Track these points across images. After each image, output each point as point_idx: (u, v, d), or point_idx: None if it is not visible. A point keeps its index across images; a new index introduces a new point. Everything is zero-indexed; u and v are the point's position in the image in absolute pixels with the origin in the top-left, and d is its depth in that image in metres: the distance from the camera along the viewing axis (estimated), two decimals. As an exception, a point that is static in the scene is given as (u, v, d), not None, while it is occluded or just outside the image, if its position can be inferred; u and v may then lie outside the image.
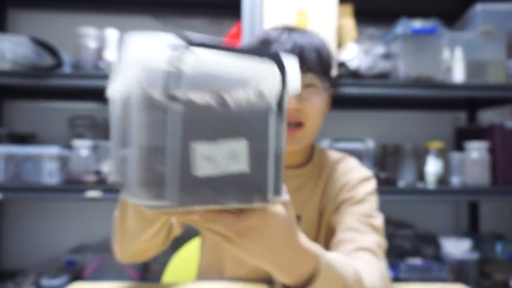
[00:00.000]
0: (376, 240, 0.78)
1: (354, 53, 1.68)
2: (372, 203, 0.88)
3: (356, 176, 0.93)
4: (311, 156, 0.97)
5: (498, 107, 2.11)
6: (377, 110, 2.18)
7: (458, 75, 1.75)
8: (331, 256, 0.58)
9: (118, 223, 0.77)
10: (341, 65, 1.68)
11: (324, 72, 0.87)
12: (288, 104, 0.79)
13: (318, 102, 0.87)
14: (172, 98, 0.36)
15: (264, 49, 0.73)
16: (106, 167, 1.69)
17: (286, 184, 0.88)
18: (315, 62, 0.84)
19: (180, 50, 0.37)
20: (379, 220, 0.85)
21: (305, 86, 0.85)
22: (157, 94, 0.36)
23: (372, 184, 0.93)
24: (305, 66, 0.83)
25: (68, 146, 1.73)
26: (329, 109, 0.96)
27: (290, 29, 0.88)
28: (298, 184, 0.93)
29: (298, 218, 0.91)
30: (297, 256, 0.52)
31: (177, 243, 1.29)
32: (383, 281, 0.69)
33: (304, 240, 0.54)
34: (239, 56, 0.40)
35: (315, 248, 0.56)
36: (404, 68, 1.69)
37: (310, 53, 0.84)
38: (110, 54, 1.70)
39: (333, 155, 1.00)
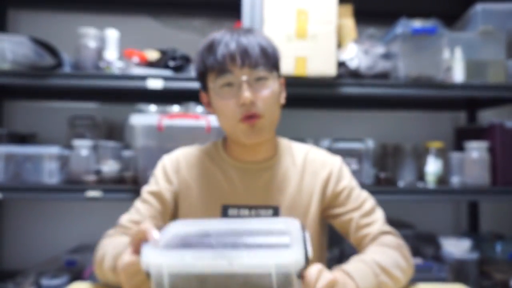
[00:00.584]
0: (379, 221, 0.95)
1: (354, 53, 1.68)
2: (356, 184, 1.01)
3: (334, 165, 1.01)
4: (276, 148, 1.02)
5: (498, 107, 2.11)
6: (377, 110, 2.18)
7: (458, 75, 1.75)
8: (354, 267, 0.78)
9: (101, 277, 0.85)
10: (341, 65, 1.69)
11: (271, 64, 0.92)
12: (244, 98, 0.87)
13: (270, 92, 0.91)
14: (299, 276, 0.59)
15: None
16: (106, 167, 1.69)
17: (258, 179, 0.97)
18: (260, 56, 0.89)
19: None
20: (370, 200, 0.99)
21: (256, 79, 0.90)
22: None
23: (344, 165, 1.03)
24: (252, 62, 0.88)
25: (68, 146, 1.73)
26: (284, 97, 1.00)
27: (233, 31, 0.93)
28: (270, 176, 0.98)
29: (276, 209, 0.96)
30: None
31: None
32: (403, 256, 0.87)
33: (338, 277, 0.71)
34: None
35: (342, 274, 0.75)
36: (404, 68, 1.69)
37: (254, 50, 0.89)
38: (110, 54, 1.70)
39: (297, 145, 1.06)
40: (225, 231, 0.71)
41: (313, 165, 1.01)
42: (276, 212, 0.96)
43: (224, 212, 0.95)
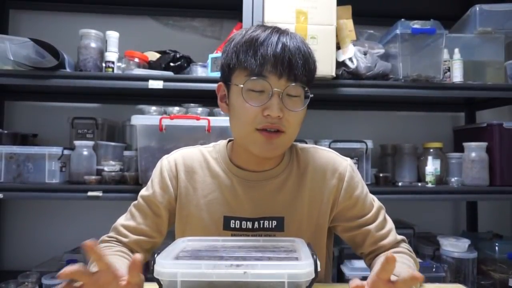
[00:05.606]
0: (393, 231, 0.94)
1: (353, 53, 1.68)
2: (366, 189, 0.97)
3: (344, 172, 0.94)
4: (283, 154, 0.96)
5: (496, 107, 2.12)
6: (376, 111, 2.19)
7: (457, 75, 1.76)
8: None
9: None
10: (341, 65, 1.69)
11: (308, 81, 0.86)
12: (272, 112, 0.80)
13: (299, 112, 0.85)
14: None
15: None
16: (107, 167, 1.69)
17: (263, 188, 0.92)
18: (302, 71, 0.82)
19: None
20: (380, 208, 0.96)
21: (290, 95, 0.83)
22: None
23: (354, 169, 0.97)
24: (291, 75, 0.81)
25: (69, 146, 1.74)
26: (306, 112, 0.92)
27: (278, 30, 0.85)
28: (274, 186, 0.92)
29: (281, 219, 0.90)
30: None
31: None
32: (415, 261, 0.89)
33: None
34: None
35: None
36: (403, 68, 1.70)
37: (298, 61, 0.81)
38: (110, 55, 1.71)
39: (302, 147, 0.99)
40: (232, 247, 0.72)
41: (321, 171, 0.94)
42: (280, 222, 0.90)
43: (226, 223, 0.91)
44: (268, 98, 0.81)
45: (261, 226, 0.90)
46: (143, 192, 0.96)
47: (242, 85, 0.82)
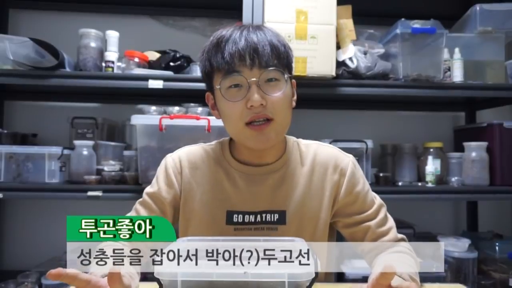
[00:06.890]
0: (393, 229, 0.95)
1: (354, 53, 1.68)
2: (368, 186, 0.98)
3: (346, 168, 0.96)
4: (284, 148, 0.97)
5: (497, 107, 2.11)
6: (377, 110, 2.19)
7: (457, 75, 1.76)
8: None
9: None
10: (341, 65, 1.69)
11: (282, 64, 0.87)
12: (253, 101, 0.82)
13: (281, 95, 0.85)
14: None
15: None
16: (107, 167, 1.69)
17: (265, 182, 0.93)
18: (271, 56, 0.84)
19: None
20: (381, 205, 0.96)
21: (266, 81, 0.84)
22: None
23: (356, 166, 0.98)
24: (262, 62, 0.83)
25: (69, 146, 1.74)
26: (295, 100, 0.94)
27: (242, 27, 0.87)
28: (276, 179, 0.93)
29: (283, 213, 0.92)
30: None
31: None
32: (415, 261, 0.89)
33: None
34: None
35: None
36: (403, 68, 1.70)
37: (265, 48, 0.83)
38: (110, 55, 1.71)
39: (305, 143, 1.00)
40: (232, 247, 0.72)
41: (323, 166, 0.95)
42: (282, 216, 0.91)
43: (229, 218, 0.92)
44: (247, 90, 0.83)
45: (263, 219, 0.91)
46: (148, 189, 0.97)
47: (219, 86, 0.85)
